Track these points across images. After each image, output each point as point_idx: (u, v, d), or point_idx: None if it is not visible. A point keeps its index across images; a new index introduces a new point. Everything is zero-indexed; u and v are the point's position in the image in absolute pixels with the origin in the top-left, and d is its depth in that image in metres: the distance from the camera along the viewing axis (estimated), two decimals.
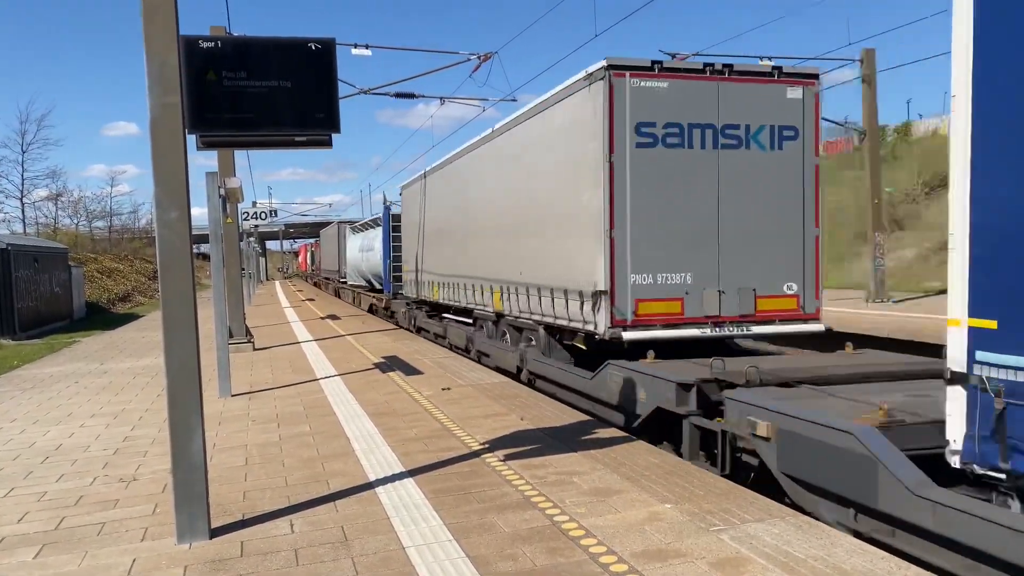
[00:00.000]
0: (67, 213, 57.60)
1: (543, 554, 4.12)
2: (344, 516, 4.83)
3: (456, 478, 5.56)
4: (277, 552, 4.28)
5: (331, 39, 4.89)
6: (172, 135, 4.34)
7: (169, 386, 4.42)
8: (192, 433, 4.43)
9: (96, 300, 32.20)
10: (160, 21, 4.27)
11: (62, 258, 25.77)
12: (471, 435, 6.87)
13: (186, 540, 4.46)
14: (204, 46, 4.67)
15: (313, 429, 7.38)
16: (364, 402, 8.68)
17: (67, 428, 7.91)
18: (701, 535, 4.31)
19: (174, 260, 4.38)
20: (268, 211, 25.96)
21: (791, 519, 4.51)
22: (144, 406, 9.01)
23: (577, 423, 7.23)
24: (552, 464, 5.82)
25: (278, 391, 9.69)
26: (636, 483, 5.28)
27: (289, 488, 5.48)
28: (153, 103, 4.27)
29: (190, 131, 4.59)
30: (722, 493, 5.02)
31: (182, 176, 4.37)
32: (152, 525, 4.81)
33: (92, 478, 5.97)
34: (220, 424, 7.78)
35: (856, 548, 4.05)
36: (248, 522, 4.78)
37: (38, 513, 5.15)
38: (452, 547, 4.26)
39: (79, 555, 4.37)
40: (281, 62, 4.77)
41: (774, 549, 4.06)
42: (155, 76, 4.26)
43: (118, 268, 41.47)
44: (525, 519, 4.66)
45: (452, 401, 8.55)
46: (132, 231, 64.60)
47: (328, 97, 4.86)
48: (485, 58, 16.83)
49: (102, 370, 12.53)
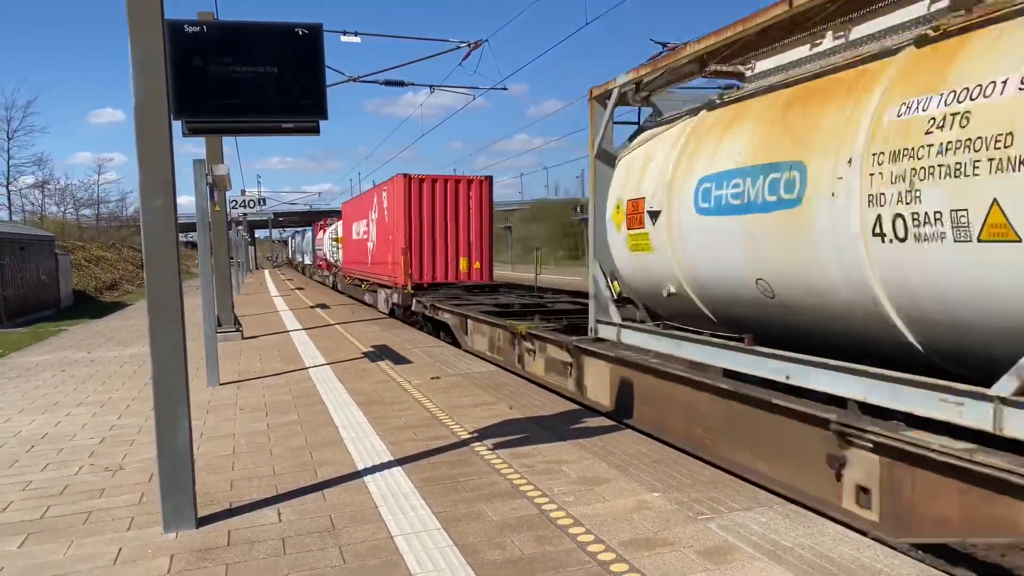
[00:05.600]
0: (54, 201, 57.23)
1: (531, 543, 4.12)
2: (332, 505, 4.82)
3: (445, 467, 5.55)
4: (264, 541, 4.27)
5: (318, 24, 4.84)
6: (157, 121, 4.28)
7: (155, 375, 4.38)
8: (178, 422, 4.40)
9: (83, 288, 32.00)
10: (145, 5, 4.20)
11: (49, 246, 25.57)
12: (460, 424, 6.87)
13: (172, 529, 4.44)
14: (189, 31, 4.62)
15: (301, 418, 7.35)
16: (353, 391, 8.66)
17: (53, 417, 7.86)
18: (689, 524, 4.32)
19: (159, 248, 4.33)
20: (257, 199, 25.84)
21: (779, 508, 4.53)
22: (131, 395, 8.96)
23: (566, 412, 7.24)
24: (541, 453, 5.82)
25: (267, 380, 9.65)
26: (624, 472, 5.29)
27: (277, 477, 5.46)
28: (137, 88, 4.21)
29: (175, 117, 4.54)
30: (710, 482, 5.03)
31: (167, 163, 4.31)
32: (138, 514, 4.78)
33: (78, 467, 5.93)
34: (208, 413, 7.74)
35: (843, 536, 4.07)
36: (235, 511, 4.76)
37: (23, 502, 5.11)
38: (440, 536, 4.26)
39: (64, 544, 4.34)
40: (268, 48, 4.72)
41: (761, 538, 4.08)
42: (139, 61, 4.20)
43: (105, 256, 41.21)
44: (513, 508, 4.66)
45: (441, 390, 8.54)
46: (120, 219, 64.22)
47: (315, 83, 4.82)
48: (475, 46, 16.77)
49: (89, 359, 12.44)
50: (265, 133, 5.04)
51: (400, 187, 18.16)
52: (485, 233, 19.00)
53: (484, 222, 19.01)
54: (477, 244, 18.66)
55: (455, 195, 18.47)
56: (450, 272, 18.42)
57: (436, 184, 18.37)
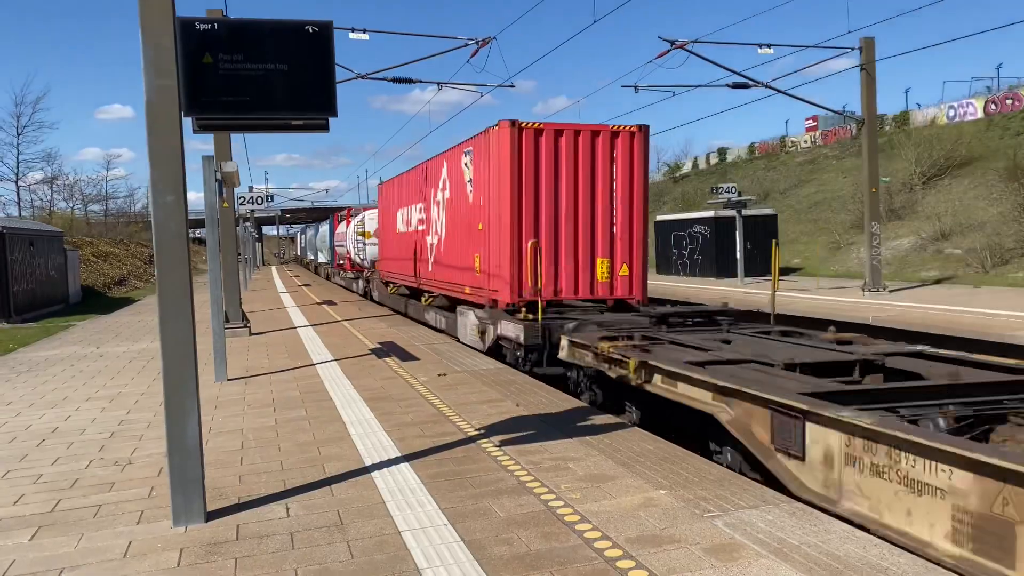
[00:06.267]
0: (62, 196, 57.43)
1: (538, 539, 4.14)
2: (340, 500, 4.85)
3: (452, 463, 5.57)
4: (273, 535, 4.30)
5: (328, 22, 4.85)
6: (168, 118, 4.31)
7: (165, 370, 4.41)
8: (188, 417, 4.43)
9: (92, 284, 32.13)
10: (156, 3, 4.23)
11: (58, 241, 25.67)
12: (467, 421, 6.89)
13: (182, 523, 4.47)
14: (200, 28, 4.63)
15: (309, 414, 7.39)
16: (360, 387, 8.69)
17: (63, 411, 7.91)
18: (695, 521, 4.33)
19: (170, 244, 4.37)
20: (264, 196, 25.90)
21: (785, 506, 4.54)
22: (140, 390, 9.01)
23: (573, 410, 7.25)
24: (547, 450, 5.84)
25: (274, 376, 9.69)
26: (631, 469, 5.30)
27: (285, 472, 5.49)
28: (149, 86, 4.25)
29: (186, 114, 4.56)
30: (716, 480, 5.04)
31: (178, 159, 4.35)
32: (148, 508, 4.82)
33: (88, 461, 5.98)
34: (216, 408, 7.78)
35: (849, 534, 4.08)
36: (244, 506, 4.80)
37: (34, 496, 5.16)
38: (447, 531, 4.28)
39: (75, 537, 4.37)
40: (278, 45, 4.74)
41: (768, 535, 4.09)
42: (151, 58, 4.23)
43: (114, 252, 41.35)
44: (520, 504, 4.68)
45: (448, 387, 8.56)
46: (128, 215, 64.42)
47: (325, 80, 4.83)
48: (483, 43, 16.76)
49: (98, 354, 12.51)
50: (275, 130, 5.06)
51: (505, 141, 10.99)
52: (637, 220, 11.64)
53: (636, 201, 11.56)
54: (625, 237, 11.59)
55: (590, 156, 11.36)
56: (582, 282, 11.49)
57: (562, 139, 11.22)
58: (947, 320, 13.65)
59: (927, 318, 14.00)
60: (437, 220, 15.06)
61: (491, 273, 11.58)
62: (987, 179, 28.04)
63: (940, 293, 18.89)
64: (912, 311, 15.10)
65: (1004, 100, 33.46)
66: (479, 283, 12.18)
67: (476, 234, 12.21)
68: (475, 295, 12.46)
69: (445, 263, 14.49)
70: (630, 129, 11.47)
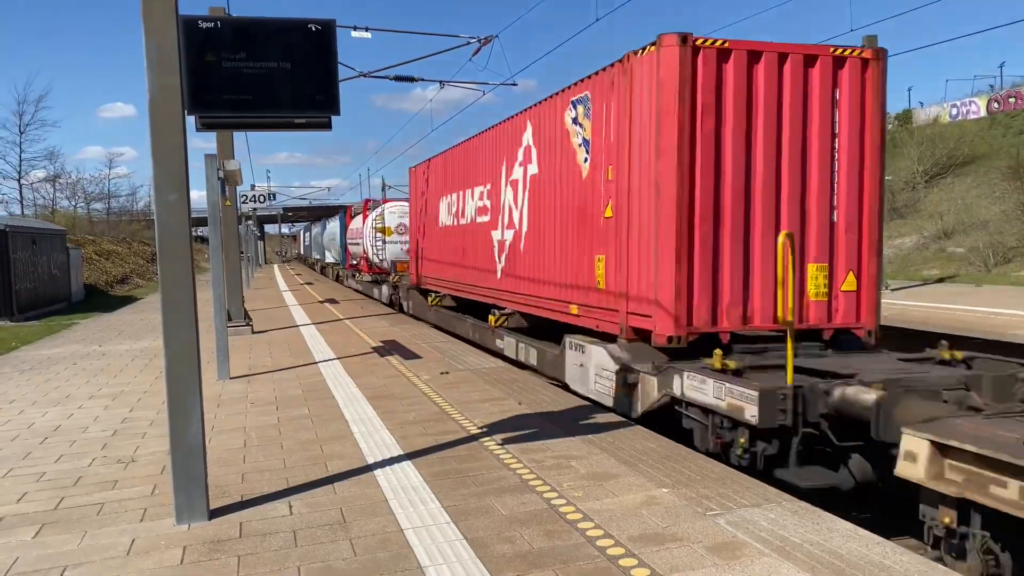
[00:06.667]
0: (65, 195, 57.42)
1: (541, 537, 4.14)
2: (342, 498, 4.85)
3: (454, 461, 5.58)
4: (276, 533, 4.30)
5: (331, 20, 4.86)
6: (171, 116, 4.32)
7: (168, 368, 4.42)
8: (191, 415, 4.44)
9: (94, 282, 32.16)
10: (159, 1, 4.24)
11: (60, 240, 25.70)
12: (469, 419, 6.89)
13: (184, 521, 4.48)
14: (203, 26, 4.64)
15: (312, 412, 7.40)
16: (362, 386, 8.70)
17: (66, 409, 7.92)
18: (698, 519, 4.33)
19: (173, 242, 4.37)
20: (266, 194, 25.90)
21: (787, 504, 4.54)
22: (143, 388, 9.02)
23: (575, 408, 7.25)
24: (550, 448, 5.84)
25: (277, 374, 9.70)
26: (633, 467, 5.30)
27: (288, 470, 5.50)
28: (152, 84, 4.25)
29: (189, 112, 4.57)
30: (718, 478, 5.04)
31: (181, 157, 4.35)
32: (151, 506, 4.83)
33: (91, 459, 5.99)
34: (219, 406, 7.79)
35: (851, 533, 4.08)
36: (247, 504, 4.80)
37: (37, 493, 5.17)
38: (450, 529, 4.29)
39: (78, 535, 4.38)
40: (281, 43, 4.74)
41: (770, 534, 4.09)
42: (154, 57, 4.24)
43: (116, 250, 41.38)
44: (523, 502, 4.68)
45: (450, 385, 8.56)
46: (130, 213, 64.42)
47: (328, 79, 4.84)
48: (485, 41, 16.74)
49: (100, 352, 12.53)
50: (278, 128, 5.06)
51: (672, 69, 6.87)
52: (870, 202, 7.45)
53: (868, 171, 7.42)
54: (853, 229, 7.44)
55: (802, 97, 7.20)
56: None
57: (757, 67, 7.08)
58: (947, 319, 13.63)
59: (929, 317, 13.99)
60: (514, 207, 10.96)
61: (631, 285, 7.54)
62: (990, 178, 28.00)
63: (942, 292, 18.87)
64: (912, 311, 15.09)
65: (1007, 99, 33.40)
66: (602, 301, 8.16)
67: (596, 225, 8.26)
68: (590, 318, 8.47)
69: (527, 269, 10.46)
70: (862, 54, 7.30)
